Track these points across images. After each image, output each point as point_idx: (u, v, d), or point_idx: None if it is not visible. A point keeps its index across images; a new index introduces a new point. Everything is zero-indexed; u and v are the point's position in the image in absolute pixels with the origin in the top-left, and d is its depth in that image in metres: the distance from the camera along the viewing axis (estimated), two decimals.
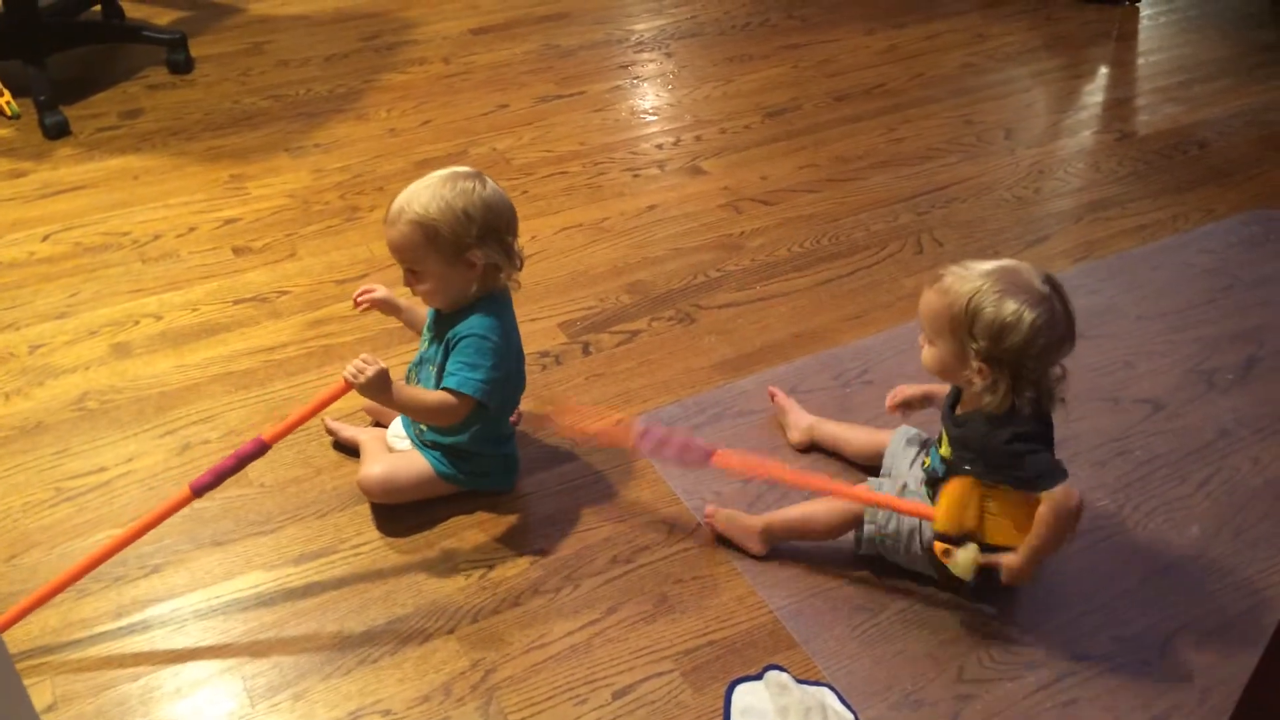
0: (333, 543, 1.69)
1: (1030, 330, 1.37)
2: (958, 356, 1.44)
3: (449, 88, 3.04)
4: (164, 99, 2.98)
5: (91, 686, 1.48)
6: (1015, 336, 1.38)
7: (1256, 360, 2.05)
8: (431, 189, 1.57)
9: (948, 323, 1.43)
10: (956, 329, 1.42)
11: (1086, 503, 1.75)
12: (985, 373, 1.42)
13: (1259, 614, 1.58)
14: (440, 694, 1.48)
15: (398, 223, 1.57)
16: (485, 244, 1.58)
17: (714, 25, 3.41)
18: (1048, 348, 1.40)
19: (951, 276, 1.44)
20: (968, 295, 1.40)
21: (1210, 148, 2.76)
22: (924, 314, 1.48)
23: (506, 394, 1.69)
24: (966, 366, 1.43)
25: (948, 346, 1.45)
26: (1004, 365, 1.40)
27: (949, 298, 1.42)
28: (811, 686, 1.47)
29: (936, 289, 1.45)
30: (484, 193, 1.58)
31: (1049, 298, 1.40)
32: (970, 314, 1.40)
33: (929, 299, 1.46)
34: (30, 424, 1.91)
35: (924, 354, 1.50)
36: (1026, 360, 1.39)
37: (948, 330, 1.43)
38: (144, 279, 2.28)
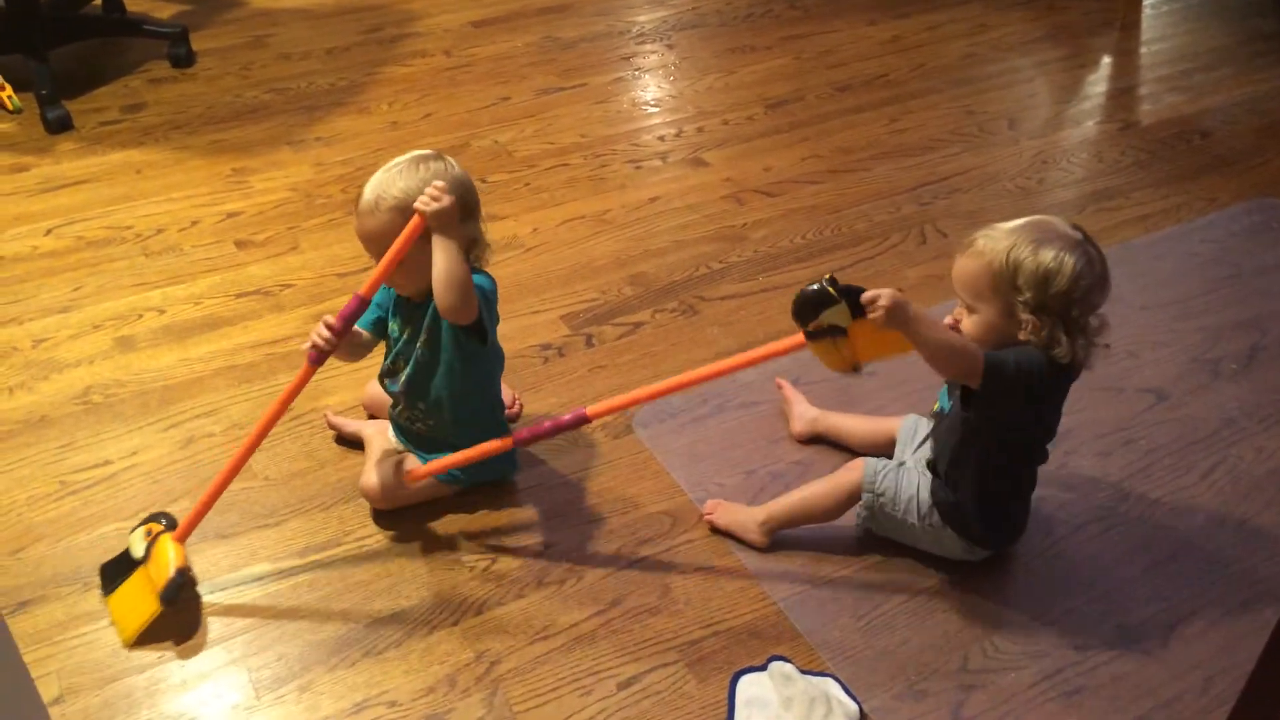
0: (337, 535, 1.70)
1: (1073, 273, 1.38)
2: (1005, 314, 1.42)
3: (451, 80, 3.03)
4: (166, 93, 2.97)
5: (97, 679, 1.49)
6: (1060, 281, 1.38)
7: (1260, 349, 2.05)
8: (403, 174, 1.55)
9: (989, 282, 1.41)
10: (1000, 286, 1.41)
11: (1090, 492, 1.76)
12: (1036, 325, 1.40)
13: (1263, 603, 1.58)
14: (445, 685, 1.48)
15: (376, 211, 1.55)
16: (465, 221, 1.56)
17: (716, 16, 3.40)
18: (1090, 289, 1.40)
19: (983, 239, 1.44)
20: (1005, 250, 1.40)
21: (1213, 137, 2.75)
22: (962, 281, 1.46)
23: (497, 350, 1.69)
24: (1015, 323, 1.42)
25: (993, 308, 1.43)
26: (1052, 313, 1.39)
27: (986, 257, 1.41)
28: (815, 677, 1.48)
29: (970, 254, 1.44)
30: (456, 172, 1.57)
31: (1083, 242, 1.41)
32: (1012, 267, 1.39)
33: (964, 265, 1.45)
34: (34, 418, 1.92)
35: (966, 325, 1.46)
36: (1072, 305, 1.39)
37: (989, 290, 1.42)
38: (147, 273, 2.28)
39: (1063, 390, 1.48)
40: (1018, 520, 1.62)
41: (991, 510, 1.56)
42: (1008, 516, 1.60)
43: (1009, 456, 1.53)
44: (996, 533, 1.60)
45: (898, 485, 1.58)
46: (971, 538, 1.58)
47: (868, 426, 1.79)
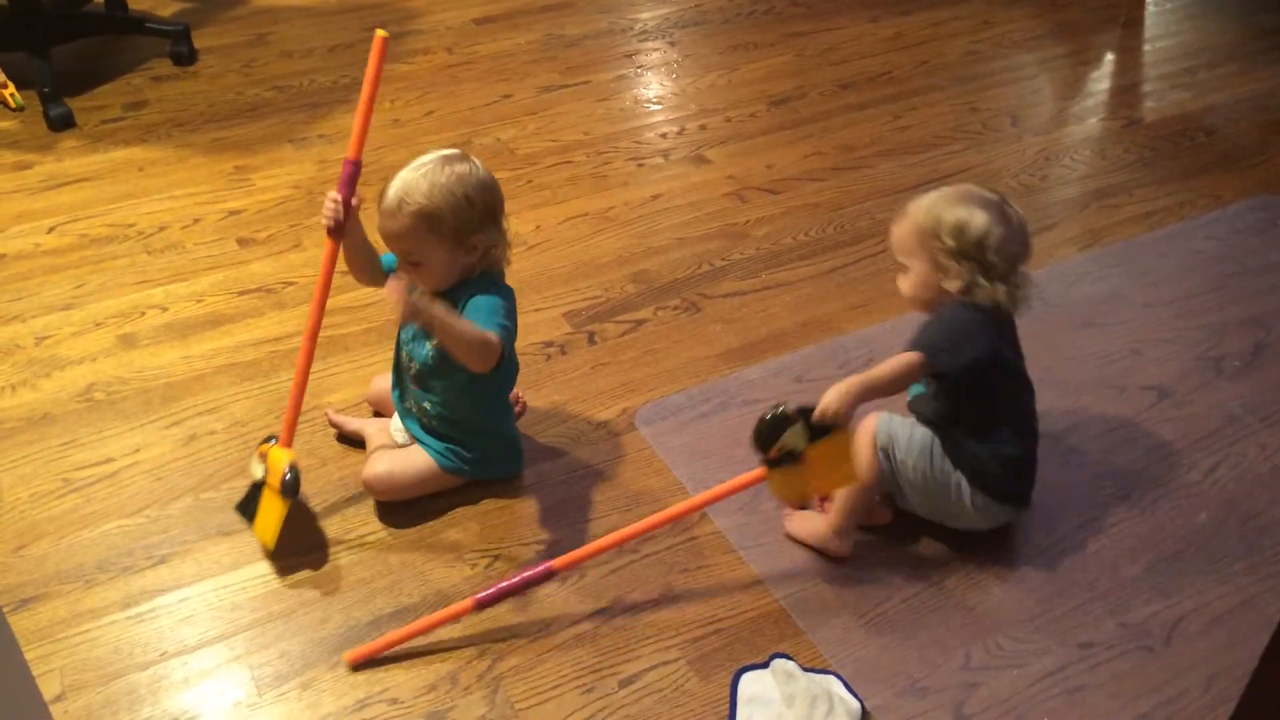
0: (339, 533, 1.70)
1: (985, 223, 1.53)
2: (932, 264, 1.56)
3: (452, 78, 3.03)
4: (168, 90, 2.98)
5: (100, 676, 1.49)
6: (974, 229, 1.53)
7: (1264, 346, 2.05)
8: (429, 176, 1.54)
9: (916, 238, 1.57)
10: (925, 239, 1.56)
11: (1093, 490, 1.76)
12: (958, 270, 1.54)
13: (1266, 600, 1.58)
14: (447, 683, 1.48)
15: (398, 214, 1.54)
16: (485, 227, 1.57)
17: (718, 13, 3.40)
18: (1005, 239, 1.53)
19: (911, 205, 1.60)
20: (926, 208, 1.57)
21: (1217, 134, 2.75)
22: (896, 243, 1.62)
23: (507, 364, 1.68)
24: (941, 272, 1.55)
25: (921, 262, 1.57)
26: (971, 259, 1.53)
27: (912, 217, 1.58)
28: (818, 674, 1.47)
29: (900, 219, 1.61)
30: (479, 173, 1.57)
31: (998, 203, 1.57)
32: (933, 222, 1.55)
33: (896, 230, 1.61)
34: (37, 415, 1.92)
35: (903, 285, 1.62)
36: (987, 251, 1.53)
37: (918, 245, 1.57)
38: (149, 270, 2.28)
39: (1000, 328, 1.58)
40: (1024, 470, 1.63)
41: (994, 453, 1.58)
42: (1011, 462, 1.60)
43: (988, 402, 1.58)
44: (1007, 480, 1.60)
45: (910, 434, 1.60)
46: (985, 487, 1.58)
47: None
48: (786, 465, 1.48)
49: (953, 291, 1.55)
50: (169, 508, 1.74)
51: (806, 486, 1.54)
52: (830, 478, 1.54)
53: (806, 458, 1.47)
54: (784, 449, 1.47)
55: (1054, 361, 2.00)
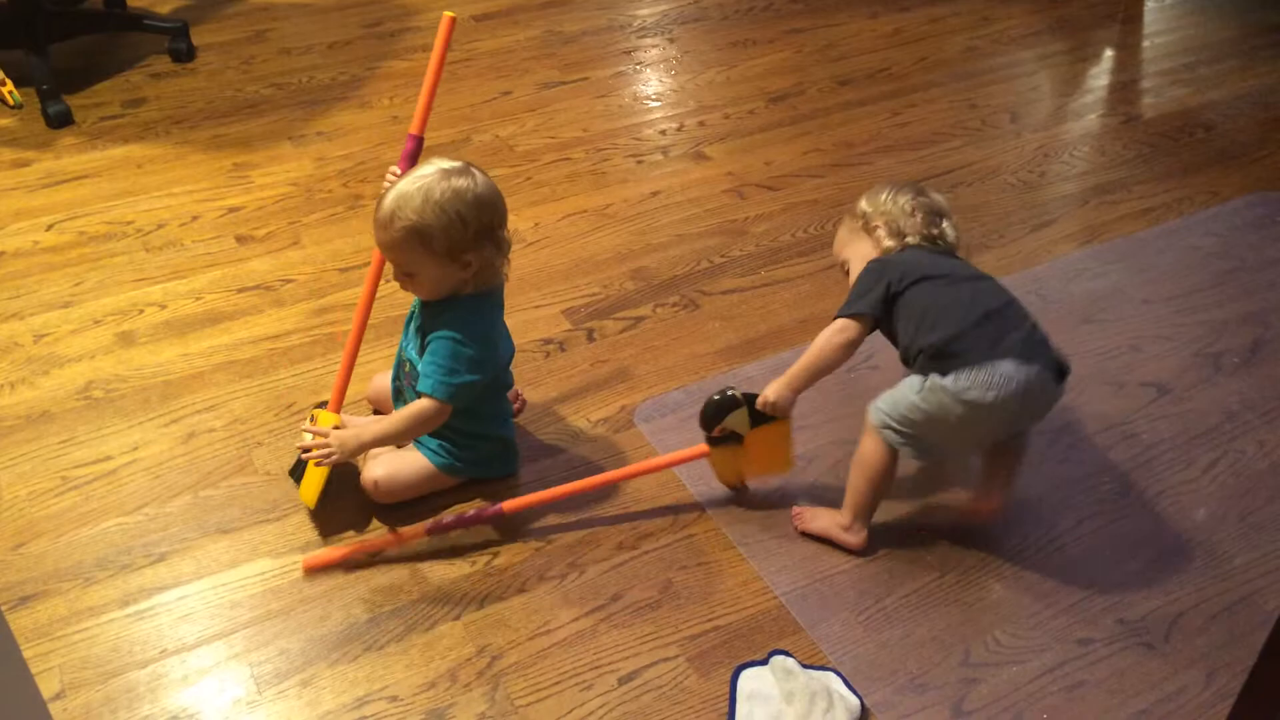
0: (338, 531, 1.70)
1: (891, 190, 1.72)
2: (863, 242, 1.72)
3: (451, 74, 3.03)
4: (166, 88, 2.97)
5: (99, 674, 1.49)
6: (881, 196, 1.72)
7: (1263, 343, 2.05)
8: (423, 190, 1.51)
9: (848, 228, 1.76)
10: (854, 225, 1.74)
11: (1092, 486, 1.76)
12: (880, 231, 1.69)
13: (1265, 597, 1.58)
14: (447, 680, 1.48)
15: (390, 228, 1.52)
16: (479, 245, 1.54)
17: (717, 10, 3.40)
18: (900, 191, 1.72)
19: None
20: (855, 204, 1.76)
21: (1216, 130, 2.75)
22: (835, 252, 1.80)
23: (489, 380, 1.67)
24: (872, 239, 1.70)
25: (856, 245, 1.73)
26: (883, 214, 1.70)
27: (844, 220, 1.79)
28: (817, 671, 1.47)
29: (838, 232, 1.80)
30: (476, 189, 1.53)
31: (909, 184, 1.76)
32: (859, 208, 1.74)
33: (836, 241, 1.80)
34: (36, 413, 1.92)
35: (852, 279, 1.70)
36: (902, 215, 1.69)
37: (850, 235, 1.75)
38: (148, 268, 2.28)
39: (913, 255, 1.66)
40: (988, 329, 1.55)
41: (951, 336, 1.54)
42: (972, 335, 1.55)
43: (921, 308, 1.59)
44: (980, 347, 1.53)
45: (893, 392, 1.58)
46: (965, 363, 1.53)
47: None
48: (727, 445, 1.65)
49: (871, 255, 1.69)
50: (168, 505, 1.74)
51: (743, 467, 1.69)
52: (765, 462, 1.69)
53: (746, 441, 1.64)
54: (726, 430, 1.63)
55: None
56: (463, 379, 1.57)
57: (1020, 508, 1.72)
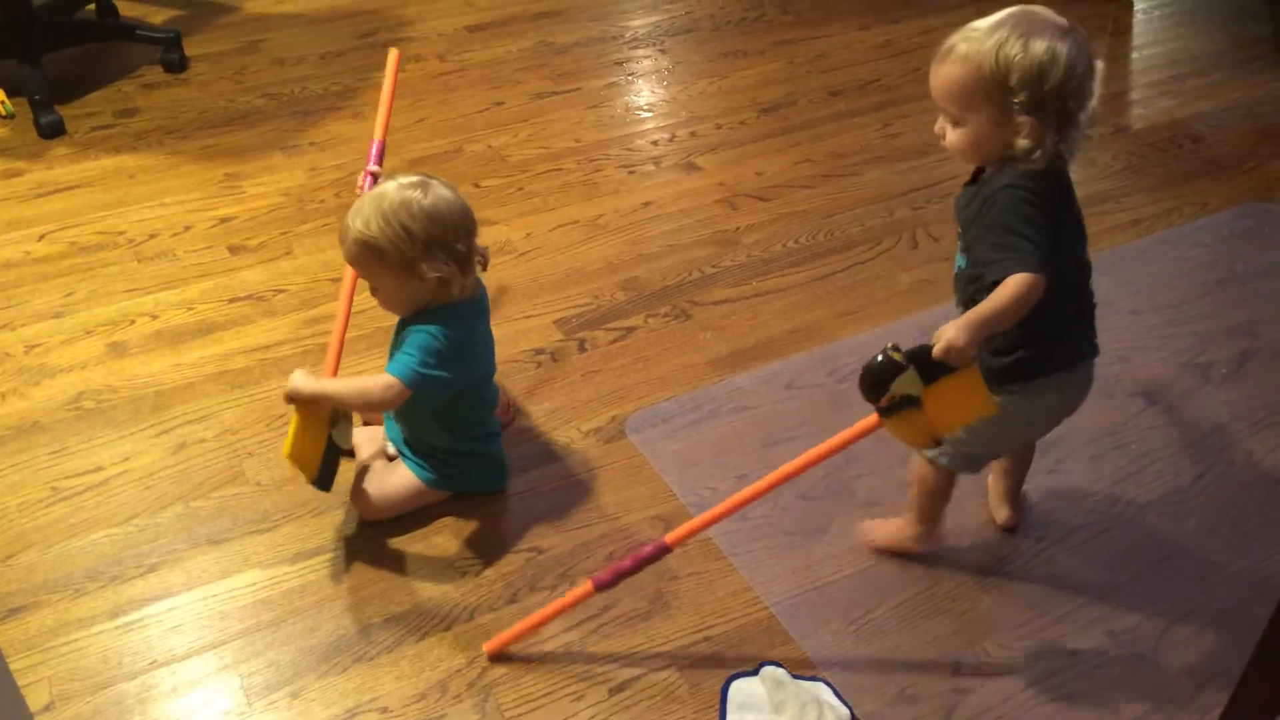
0: (329, 541, 1.69)
1: (1068, 62, 1.29)
2: (997, 122, 1.33)
3: (444, 85, 3.03)
4: (159, 98, 2.97)
5: (88, 686, 1.49)
6: (1056, 73, 1.29)
7: (1251, 353, 2.06)
8: (373, 203, 1.53)
9: (979, 89, 1.32)
10: (991, 91, 1.31)
11: (1081, 496, 1.76)
12: (1032, 127, 1.31)
13: (1255, 607, 1.58)
14: (437, 691, 1.48)
15: (345, 241, 1.55)
16: (431, 256, 1.53)
17: (709, 21, 3.41)
18: (1084, 77, 1.31)
19: (964, 43, 1.34)
20: (993, 51, 1.30)
21: (1204, 141, 2.76)
22: (947, 92, 1.36)
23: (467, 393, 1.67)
24: (1009, 129, 1.32)
25: (984, 116, 1.33)
26: (1049, 111, 1.31)
27: (973, 62, 1.32)
28: (807, 682, 1.48)
29: (952, 60, 1.34)
30: (425, 202, 1.52)
31: (1071, 28, 1.33)
32: (1003, 68, 1.30)
33: (947, 73, 1.35)
34: (26, 423, 1.91)
35: (951, 139, 1.38)
36: (1069, 98, 1.31)
37: (980, 97, 1.32)
38: (140, 278, 2.28)
39: (1063, 191, 1.38)
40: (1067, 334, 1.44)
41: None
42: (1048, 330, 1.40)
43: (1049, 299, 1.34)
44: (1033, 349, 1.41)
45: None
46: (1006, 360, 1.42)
47: None
48: (903, 411, 1.32)
49: (1018, 151, 1.32)
50: (158, 516, 1.74)
51: (932, 426, 1.35)
52: (957, 413, 1.35)
53: (925, 401, 1.32)
54: (896, 396, 1.32)
55: None
56: (432, 371, 1.56)
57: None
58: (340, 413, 1.65)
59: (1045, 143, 1.31)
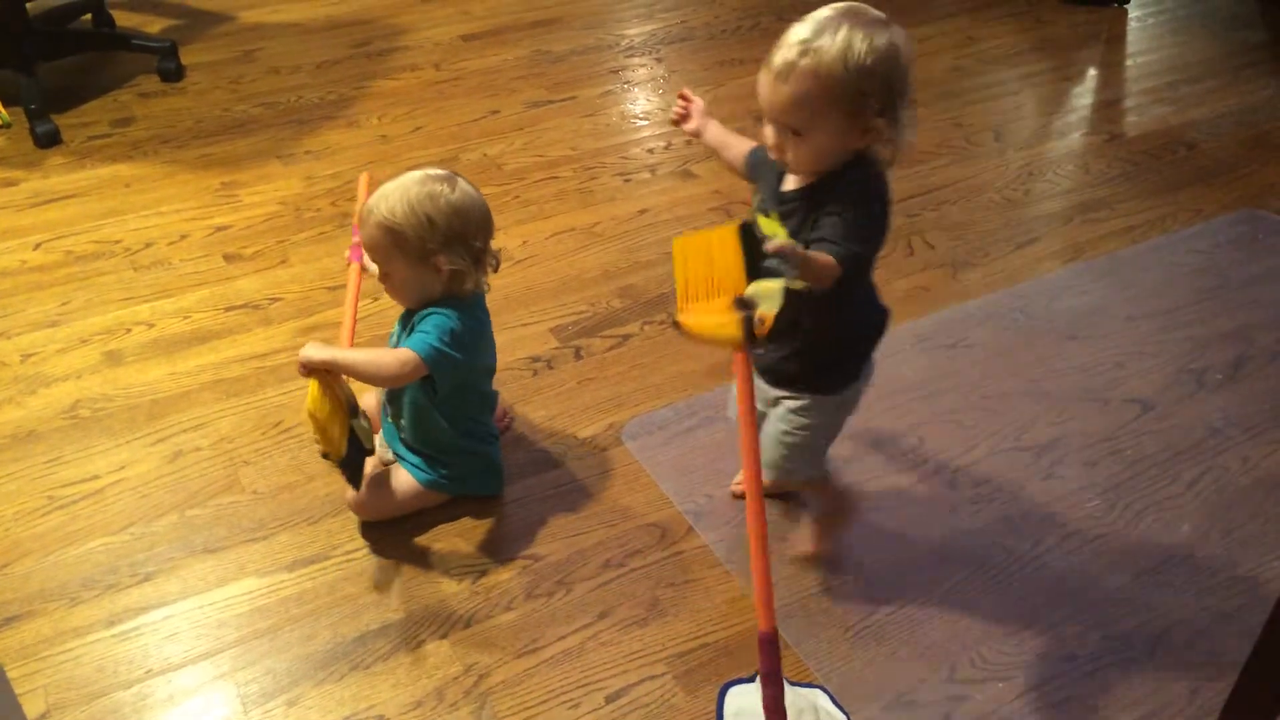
0: (325, 549, 1.69)
1: (905, 57, 1.26)
2: (845, 130, 1.27)
3: (440, 94, 3.04)
4: (155, 107, 2.98)
5: (84, 695, 1.48)
6: (899, 71, 1.26)
7: (1246, 359, 2.06)
8: (400, 191, 1.56)
9: (829, 97, 1.24)
10: (841, 99, 1.24)
11: (1077, 502, 1.76)
12: (884, 127, 1.27)
13: (1248, 612, 1.59)
14: (433, 699, 1.48)
15: (367, 223, 1.58)
16: (449, 249, 1.56)
17: (704, 29, 3.42)
18: (909, 66, 1.28)
19: (806, 56, 1.24)
20: (841, 58, 1.23)
21: (1199, 148, 2.77)
22: (793, 105, 1.25)
23: (471, 384, 1.68)
24: (856, 135, 1.27)
25: (832, 124, 1.26)
26: (895, 109, 1.27)
27: (822, 72, 1.23)
28: (804, 688, 1.48)
29: (797, 74, 1.24)
30: (452, 197, 1.56)
31: (891, 20, 1.28)
32: (854, 74, 1.23)
33: (783, 91, 1.25)
34: (22, 432, 1.91)
35: (794, 153, 1.29)
36: (906, 93, 1.28)
37: (831, 105, 1.24)
38: (136, 287, 2.28)
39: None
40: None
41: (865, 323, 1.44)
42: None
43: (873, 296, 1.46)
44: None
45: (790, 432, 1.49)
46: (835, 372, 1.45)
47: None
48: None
49: (872, 152, 1.30)
50: (154, 524, 1.74)
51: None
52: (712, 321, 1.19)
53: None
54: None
55: (1037, 375, 2.02)
56: (449, 350, 1.57)
57: (1005, 523, 1.73)
58: (361, 411, 1.63)
59: (896, 141, 1.29)
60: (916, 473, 1.82)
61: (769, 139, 1.32)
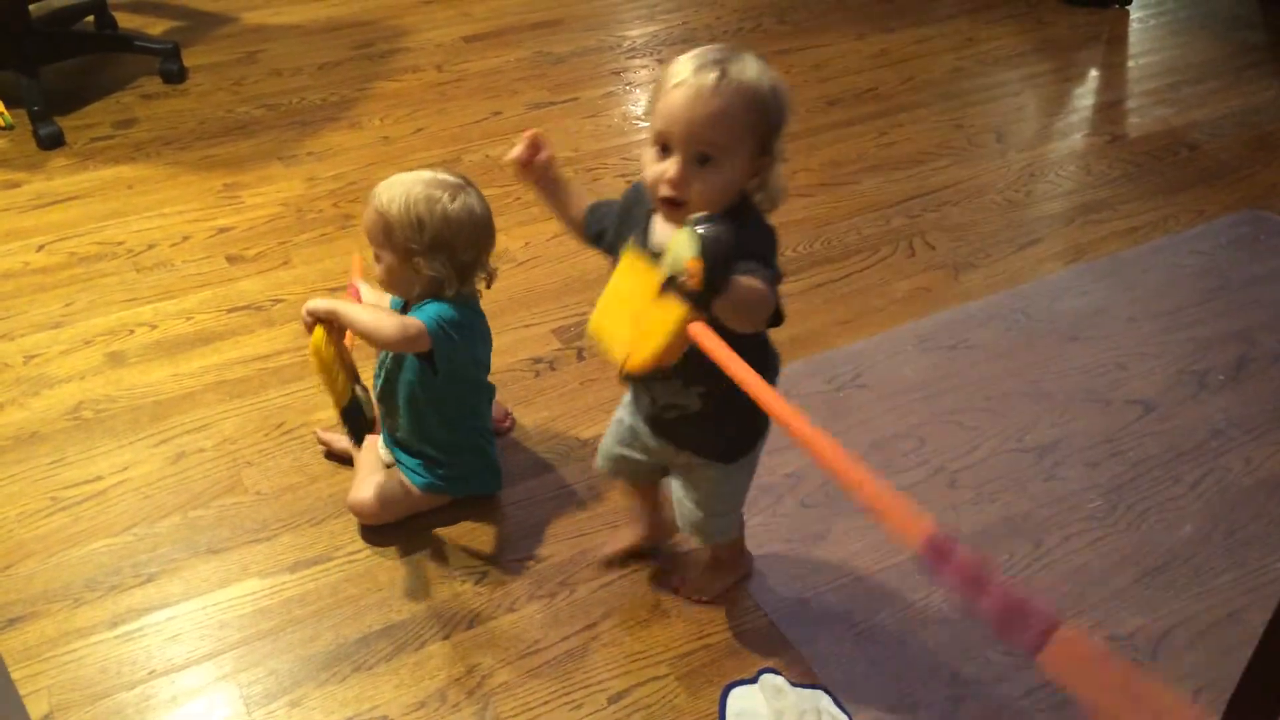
0: (328, 550, 1.70)
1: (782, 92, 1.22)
2: (748, 163, 1.20)
3: (442, 95, 3.04)
4: (157, 109, 2.98)
5: (88, 696, 1.49)
6: (788, 104, 1.22)
7: (1248, 360, 2.06)
8: (405, 186, 1.57)
9: (747, 120, 1.18)
10: (756, 125, 1.19)
11: (1079, 503, 1.77)
12: (769, 167, 1.22)
13: (1251, 613, 1.59)
14: (436, 700, 1.48)
15: (367, 207, 1.59)
16: (432, 255, 1.55)
17: (705, 31, 3.42)
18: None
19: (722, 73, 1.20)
20: (758, 77, 1.21)
21: (1200, 149, 2.77)
22: (709, 123, 1.17)
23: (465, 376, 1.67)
24: (755, 170, 1.21)
25: (746, 151, 1.19)
26: (779, 147, 1.22)
27: (743, 89, 1.19)
28: (806, 689, 1.48)
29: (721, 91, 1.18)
30: (449, 206, 1.55)
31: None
32: (769, 98, 1.20)
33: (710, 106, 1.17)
34: (26, 434, 1.92)
35: (699, 185, 1.17)
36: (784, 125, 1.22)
37: (746, 131, 1.19)
38: (138, 288, 2.28)
39: None
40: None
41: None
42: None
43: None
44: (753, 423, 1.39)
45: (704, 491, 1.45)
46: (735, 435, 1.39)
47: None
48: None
49: (759, 193, 1.24)
50: (157, 526, 1.74)
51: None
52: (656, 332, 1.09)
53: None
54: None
55: (1039, 375, 2.02)
56: (449, 333, 1.55)
57: (1007, 525, 1.73)
58: (361, 383, 1.58)
59: (776, 185, 1.23)
60: (918, 473, 1.82)
61: (669, 172, 1.17)
